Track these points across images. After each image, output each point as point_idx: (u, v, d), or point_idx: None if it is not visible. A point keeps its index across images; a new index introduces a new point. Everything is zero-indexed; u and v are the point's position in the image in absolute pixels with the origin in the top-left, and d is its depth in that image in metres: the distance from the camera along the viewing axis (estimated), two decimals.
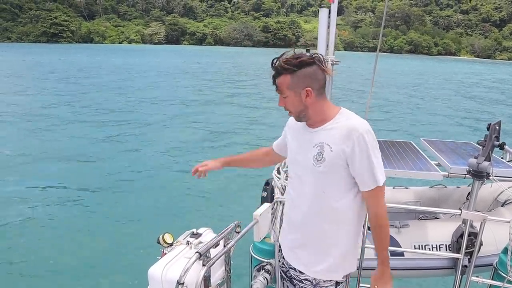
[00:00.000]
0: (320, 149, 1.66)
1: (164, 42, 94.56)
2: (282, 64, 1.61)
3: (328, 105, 1.71)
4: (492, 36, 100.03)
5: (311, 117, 1.69)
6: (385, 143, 3.66)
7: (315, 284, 1.81)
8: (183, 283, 1.60)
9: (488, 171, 2.67)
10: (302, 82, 1.63)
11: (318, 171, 1.66)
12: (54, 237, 5.93)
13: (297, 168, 1.79)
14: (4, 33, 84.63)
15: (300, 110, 1.68)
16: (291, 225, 1.87)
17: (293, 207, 1.84)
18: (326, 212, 1.71)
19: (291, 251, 1.89)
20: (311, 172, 1.69)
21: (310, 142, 1.71)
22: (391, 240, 2.95)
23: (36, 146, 10.74)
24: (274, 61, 1.63)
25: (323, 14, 2.91)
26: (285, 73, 1.61)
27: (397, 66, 49.91)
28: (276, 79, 1.65)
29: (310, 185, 1.72)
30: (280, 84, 1.64)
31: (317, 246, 1.77)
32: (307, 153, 1.71)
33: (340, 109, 1.72)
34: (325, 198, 1.70)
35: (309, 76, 1.62)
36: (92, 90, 21.11)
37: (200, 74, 31.72)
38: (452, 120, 16.40)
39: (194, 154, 10.53)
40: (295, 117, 1.73)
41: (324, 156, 1.64)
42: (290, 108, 1.69)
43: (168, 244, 1.90)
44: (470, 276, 2.59)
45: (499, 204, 3.42)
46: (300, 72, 1.61)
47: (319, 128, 1.69)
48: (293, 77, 1.62)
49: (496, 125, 2.82)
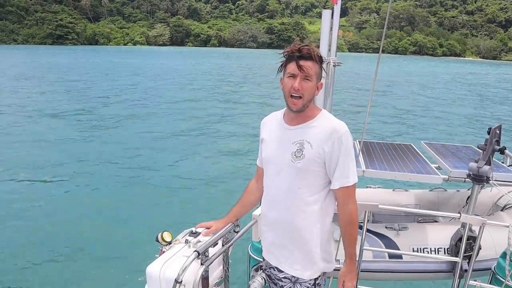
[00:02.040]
0: (300, 146, 1.71)
1: (169, 44, 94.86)
2: (317, 53, 1.68)
3: (314, 104, 1.81)
4: (497, 37, 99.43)
5: (307, 110, 1.73)
6: (385, 145, 3.67)
7: (294, 281, 1.84)
8: (181, 282, 1.61)
9: (488, 175, 2.68)
10: (320, 76, 1.74)
11: (296, 167, 1.71)
12: (51, 235, 5.95)
13: (274, 165, 1.82)
14: (10, 35, 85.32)
15: (310, 99, 1.72)
16: (268, 225, 1.90)
17: (270, 206, 1.86)
18: (300, 208, 1.75)
19: (269, 250, 1.91)
20: (289, 168, 1.73)
21: (289, 139, 1.75)
22: (390, 243, 2.97)
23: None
24: (303, 45, 1.67)
25: (325, 15, 2.91)
26: (315, 61, 1.67)
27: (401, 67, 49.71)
28: (303, 60, 1.65)
29: (286, 182, 1.75)
30: (309, 68, 1.66)
31: (292, 243, 1.80)
32: (286, 149, 1.74)
33: (322, 110, 1.80)
34: (299, 194, 1.74)
35: (321, 73, 1.75)
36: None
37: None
38: (453, 122, 16.28)
39: (194, 154, 10.58)
40: (301, 105, 1.70)
41: (304, 153, 1.69)
42: (305, 94, 1.68)
43: (166, 242, 1.90)
44: (468, 280, 2.58)
45: (499, 208, 3.41)
46: (321, 67, 1.72)
47: (300, 126, 1.75)
48: (319, 68, 1.71)
49: (497, 129, 2.82)
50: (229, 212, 2.10)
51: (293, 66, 1.66)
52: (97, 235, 5.95)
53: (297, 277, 1.83)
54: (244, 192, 2.12)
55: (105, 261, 5.29)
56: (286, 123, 1.80)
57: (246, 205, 2.11)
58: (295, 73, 1.66)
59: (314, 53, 1.65)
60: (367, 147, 3.52)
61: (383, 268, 2.92)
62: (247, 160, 9.90)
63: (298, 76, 1.66)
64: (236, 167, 9.34)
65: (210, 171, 9.09)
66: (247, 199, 2.10)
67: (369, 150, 3.45)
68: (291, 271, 1.83)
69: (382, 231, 3.01)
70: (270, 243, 1.90)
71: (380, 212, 3.44)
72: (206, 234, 2.00)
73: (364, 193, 3.67)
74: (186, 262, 1.65)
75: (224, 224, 2.05)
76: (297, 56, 1.65)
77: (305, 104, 1.70)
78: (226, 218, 2.08)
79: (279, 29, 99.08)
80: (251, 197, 2.08)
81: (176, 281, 1.61)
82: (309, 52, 1.65)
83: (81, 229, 6.13)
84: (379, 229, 3.02)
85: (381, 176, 2.90)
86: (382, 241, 2.95)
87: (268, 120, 1.95)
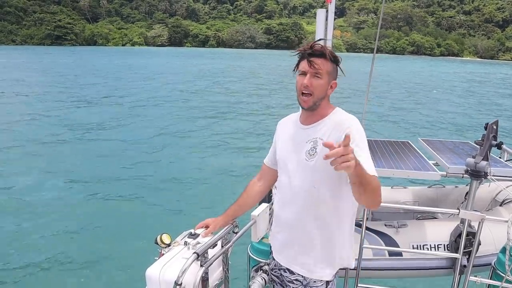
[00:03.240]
0: (313, 144, 1.70)
1: (167, 44, 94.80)
2: (331, 51, 1.68)
3: (329, 103, 1.79)
4: (495, 36, 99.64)
5: (320, 108, 1.73)
6: (383, 142, 3.67)
7: (305, 284, 1.81)
8: (181, 284, 1.60)
9: (486, 170, 2.68)
10: (334, 75, 1.73)
11: (309, 166, 1.68)
12: (50, 237, 5.93)
13: (289, 166, 1.79)
14: (9, 36, 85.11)
15: (321, 97, 1.70)
16: (281, 225, 1.87)
17: (283, 207, 1.83)
18: (317, 208, 1.71)
19: (281, 251, 1.89)
20: (303, 167, 1.71)
21: (303, 139, 1.75)
22: (390, 240, 2.96)
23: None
24: (317, 43, 1.68)
25: (320, 15, 2.92)
26: (327, 59, 1.67)
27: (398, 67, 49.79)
28: (315, 58, 1.66)
29: (301, 181, 1.72)
30: (321, 65, 1.65)
31: (307, 244, 1.76)
32: (301, 149, 1.74)
33: (335, 108, 1.79)
34: (316, 194, 1.70)
35: (337, 73, 1.74)
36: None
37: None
38: (450, 119, 16.31)
39: (192, 154, 10.58)
40: (312, 102, 1.69)
41: (317, 150, 1.67)
42: (316, 91, 1.67)
43: (165, 244, 1.88)
44: (468, 276, 2.58)
45: (497, 203, 3.41)
46: (335, 66, 1.72)
47: (313, 125, 1.74)
48: (332, 66, 1.70)
49: (494, 125, 2.83)
50: (226, 210, 2.08)
51: (304, 63, 1.67)
52: (95, 239, 5.90)
53: (309, 279, 1.79)
54: (243, 193, 2.10)
55: (104, 264, 5.26)
56: (301, 123, 1.80)
57: (243, 206, 2.10)
58: (305, 70, 1.67)
59: (327, 51, 1.66)
60: None
61: (383, 266, 2.92)
62: (247, 160, 9.90)
63: (308, 73, 1.66)
64: (235, 170, 9.33)
65: (208, 173, 9.08)
66: (245, 200, 2.08)
67: None
68: (304, 273, 1.79)
69: (381, 229, 3.01)
70: (282, 244, 1.87)
71: (379, 210, 3.42)
72: (205, 235, 1.98)
73: None
74: (185, 264, 1.64)
75: (222, 221, 2.04)
76: (308, 53, 1.66)
77: (316, 101, 1.69)
78: (224, 216, 2.06)
79: (277, 29, 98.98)
80: (249, 199, 2.08)
81: (176, 283, 1.60)
82: (321, 50, 1.65)
83: (78, 233, 6.09)
84: (378, 227, 3.02)
85: (379, 173, 2.86)
86: (381, 239, 2.95)
87: (284, 121, 1.96)
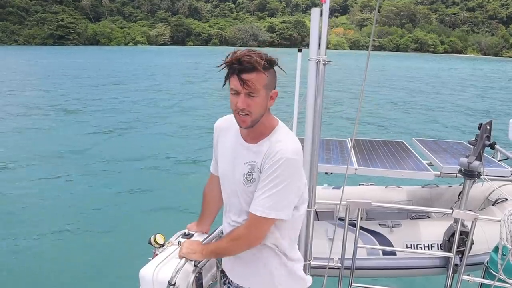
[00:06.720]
0: (251, 168, 1.54)
1: (170, 43, 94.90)
2: (262, 56, 1.40)
3: (270, 115, 1.57)
4: (499, 33, 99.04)
5: (260, 124, 1.51)
6: (377, 142, 3.70)
7: None
8: (174, 284, 1.62)
9: (479, 170, 2.70)
10: (273, 83, 1.49)
11: (248, 191, 1.56)
12: (43, 238, 5.93)
13: (228, 184, 1.68)
14: (11, 36, 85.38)
15: (261, 113, 1.49)
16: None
17: (228, 225, 1.73)
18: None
19: (232, 269, 1.79)
20: (242, 190, 1.59)
21: (242, 158, 1.58)
22: (384, 240, 2.98)
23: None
24: (244, 53, 1.40)
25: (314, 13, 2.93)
26: (259, 70, 1.39)
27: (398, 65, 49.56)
28: (245, 74, 1.40)
29: (240, 203, 1.62)
30: (254, 80, 1.40)
31: (251, 261, 1.67)
32: (238, 170, 1.59)
33: (278, 123, 1.58)
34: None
35: (275, 78, 1.50)
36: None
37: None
38: (444, 119, 16.16)
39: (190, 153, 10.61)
40: (251, 122, 1.48)
41: (254, 176, 1.53)
42: (254, 110, 1.45)
43: (159, 245, 1.88)
44: (461, 274, 2.60)
45: (490, 203, 3.43)
46: (272, 71, 1.47)
47: (253, 145, 1.56)
48: (269, 75, 1.45)
49: (487, 125, 2.84)
50: (203, 221, 2.00)
51: (235, 81, 1.42)
52: (88, 239, 5.91)
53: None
54: (206, 203, 1.95)
55: (97, 264, 5.25)
56: (241, 136, 1.60)
57: (213, 213, 1.98)
58: (238, 90, 1.43)
59: (259, 64, 1.38)
60: (358, 145, 3.55)
61: (377, 265, 2.94)
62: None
63: (242, 93, 1.43)
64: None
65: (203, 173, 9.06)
66: (211, 208, 1.96)
67: (361, 147, 3.47)
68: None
69: (375, 228, 3.03)
70: (232, 261, 1.75)
71: (373, 210, 3.45)
72: (199, 234, 1.95)
73: (357, 190, 3.71)
74: (179, 264, 1.65)
75: (207, 227, 1.99)
76: (238, 69, 1.39)
77: (254, 120, 1.47)
78: (205, 225, 1.99)
79: (280, 27, 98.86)
80: (214, 207, 1.95)
81: (169, 283, 1.61)
82: (250, 62, 1.37)
83: (72, 233, 6.09)
84: (372, 227, 3.04)
85: (373, 173, 2.92)
86: (375, 238, 2.97)
87: (224, 125, 1.72)
